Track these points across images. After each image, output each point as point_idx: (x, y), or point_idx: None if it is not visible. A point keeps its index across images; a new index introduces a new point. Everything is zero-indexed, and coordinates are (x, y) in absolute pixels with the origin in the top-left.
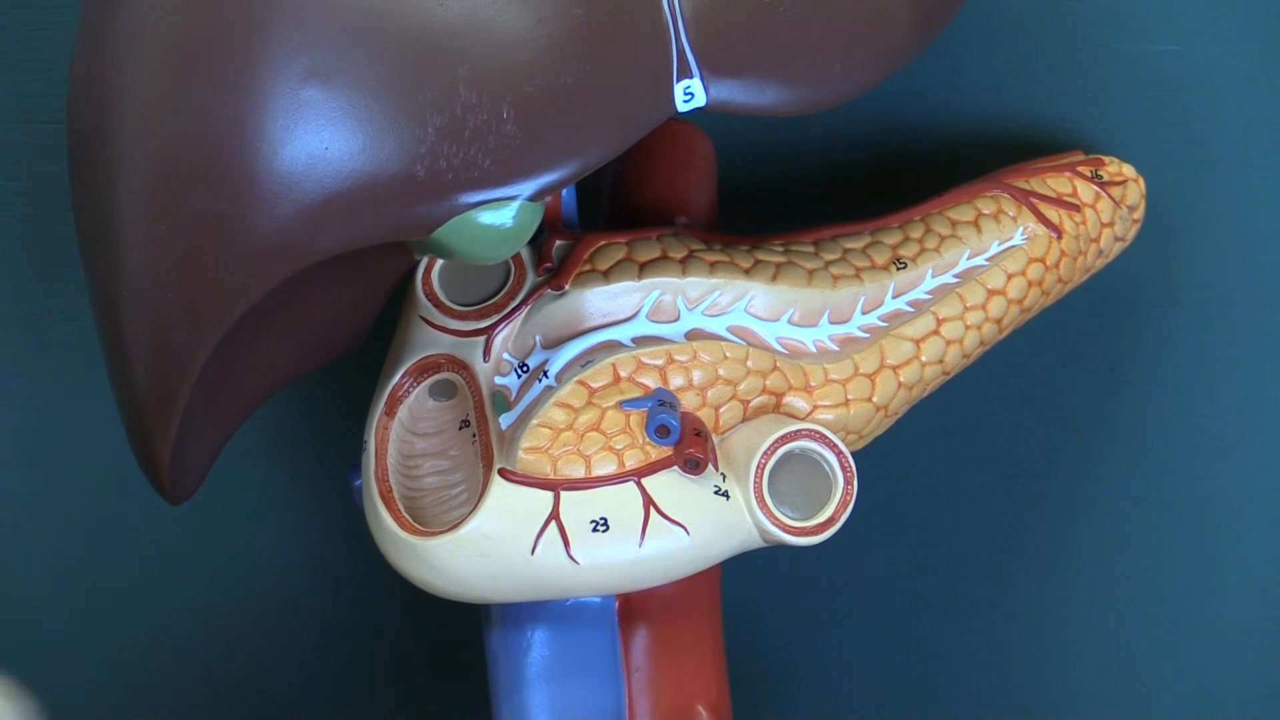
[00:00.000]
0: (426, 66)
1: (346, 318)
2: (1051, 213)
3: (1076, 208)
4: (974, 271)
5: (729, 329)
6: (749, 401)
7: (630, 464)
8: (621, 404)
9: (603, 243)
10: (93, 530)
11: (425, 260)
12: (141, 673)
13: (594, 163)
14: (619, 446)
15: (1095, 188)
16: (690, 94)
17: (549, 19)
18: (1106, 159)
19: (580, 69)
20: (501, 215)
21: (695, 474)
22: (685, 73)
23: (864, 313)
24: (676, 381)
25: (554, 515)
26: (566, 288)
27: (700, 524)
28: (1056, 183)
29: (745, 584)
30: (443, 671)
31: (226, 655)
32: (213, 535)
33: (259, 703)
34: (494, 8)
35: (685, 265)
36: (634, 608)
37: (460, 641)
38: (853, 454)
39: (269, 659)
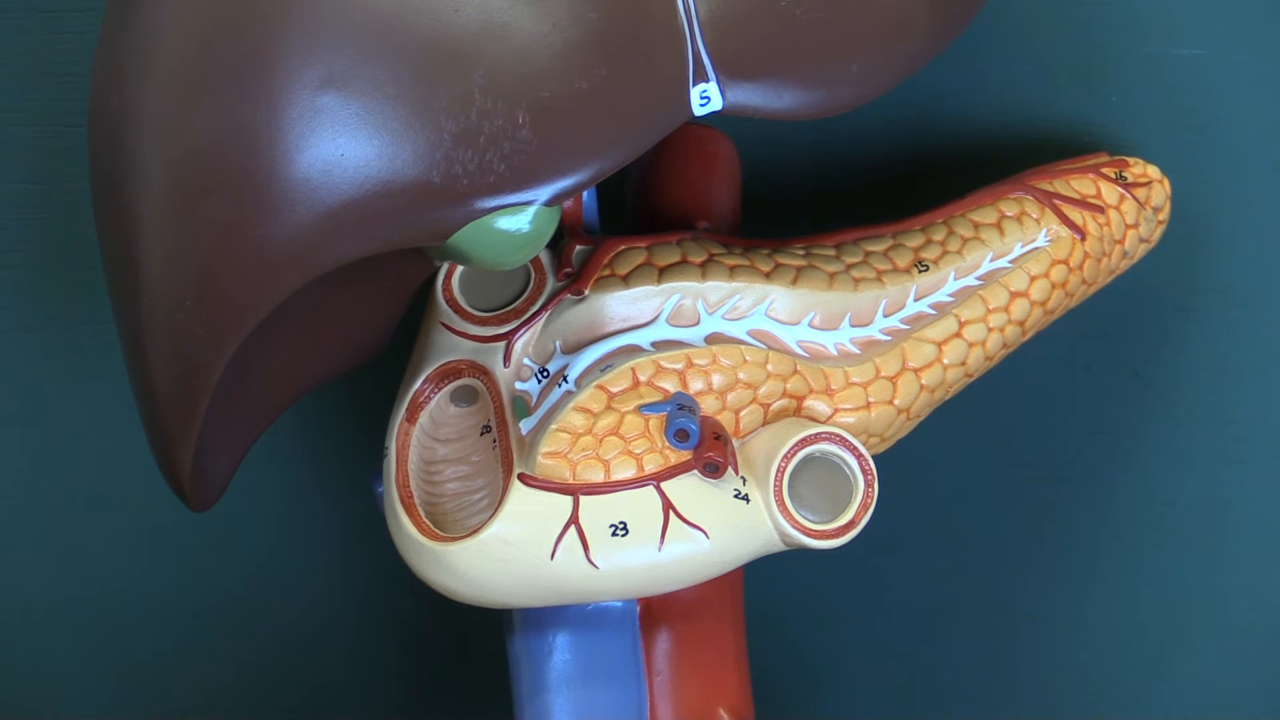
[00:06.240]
0: (442, 73)
1: (367, 324)
2: (1075, 214)
3: (1100, 209)
4: (997, 274)
5: (749, 333)
6: (769, 405)
7: (649, 468)
8: (641, 408)
9: (622, 247)
10: (116, 536)
11: (445, 266)
12: (165, 677)
13: (610, 167)
14: (638, 451)
15: (1120, 189)
16: (706, 98)
17: (564, 24)
18: (1131, 160)
19: (595, 74)
20: (518, 220)
21: (715, 477)
22: (701, 77)
23: (885, 315)
24: (696, 385)
25: (573, 520)
26: (586, 292)
27: (720, 528)
28: (1080, 184)
29: (767, 587)
30: (465, 676)
31: (249, 660)
32: (235, 541)
33: (282, 707)
34: (509, 13)
35: (705, 269)
36: (655, 612)
37: (482, 646)
38: (874, 457)
39: (291, 663)
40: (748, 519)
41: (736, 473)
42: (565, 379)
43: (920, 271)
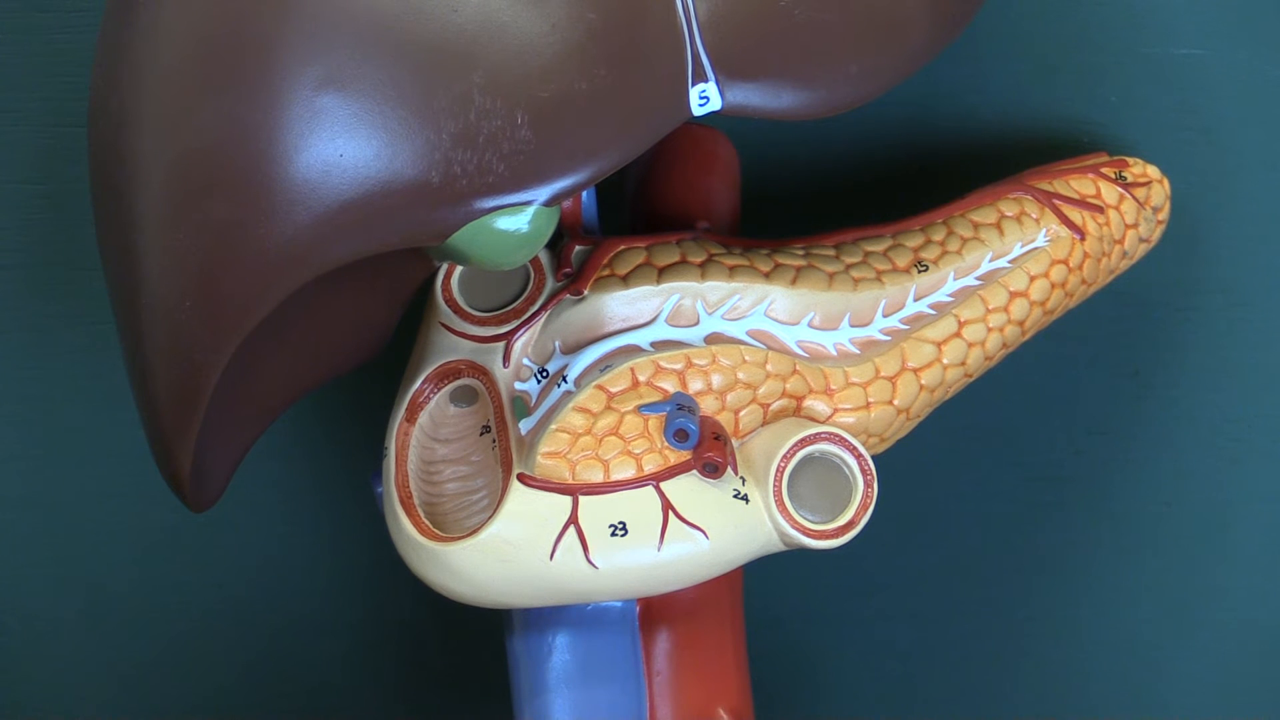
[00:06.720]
0: (441, 73)
1: (367, 325)
2: (1075, 214)
3: (1100, 209)
4: (996, 274)
5: (749, 333)
6: (769, 405)
7: (649, 468)
8: (640, 408)
9: (622, 247)
10: (116, 536)
11: (445, 267)
12: (165, 677)
13: (609, 167)
14: (637, 451)
15: (1119, 189)
16: (705, 98)
17: (563, 24)
18: (1131, 160)
19: (594, 74)
20: (517, 220)
21: (714, 478)
22: (700, 77)
23: (885, 315)
24: (695, 386)
25: (572, 520)
26: (585, 293)
27: (719, 528)
28: (1080, 184)
29: (766, 588)
30: (464, 676)
31: (250, 660)
32: (235, 541)
33: (282, 707)
34: (508, 13)
35: (704, 269)
36: (655, 612)
37: (482, 646)
38: (874, 457)
39: (291, 663)
40: (747, 519)
41: (736, 473)
42: (564, 379)
43: (920, 271)
